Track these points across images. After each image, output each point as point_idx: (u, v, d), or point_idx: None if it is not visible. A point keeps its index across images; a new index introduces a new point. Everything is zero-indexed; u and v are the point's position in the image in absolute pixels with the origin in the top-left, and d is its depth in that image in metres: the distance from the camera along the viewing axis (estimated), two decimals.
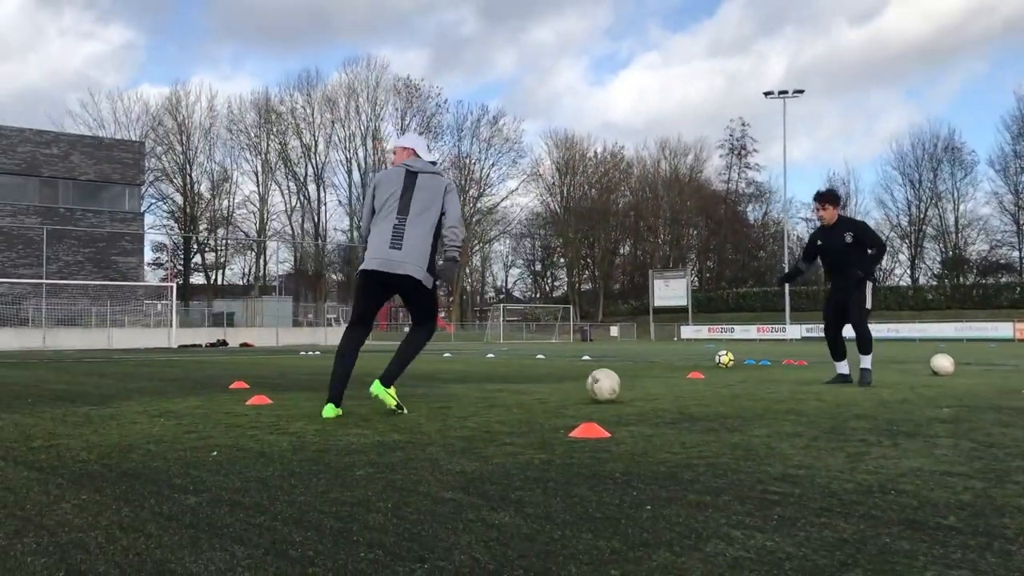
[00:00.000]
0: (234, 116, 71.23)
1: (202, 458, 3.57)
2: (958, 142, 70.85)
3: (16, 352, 26.22)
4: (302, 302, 59.56)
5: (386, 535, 2.24)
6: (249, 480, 3.05)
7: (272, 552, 2.08)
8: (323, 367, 12.95)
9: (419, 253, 5.37)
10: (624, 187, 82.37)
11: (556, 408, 5.71)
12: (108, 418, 5.22)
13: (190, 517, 2.45)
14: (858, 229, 8.16)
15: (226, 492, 2.83)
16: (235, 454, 3.69)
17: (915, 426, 4.62)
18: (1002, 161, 66.64)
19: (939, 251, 71.65)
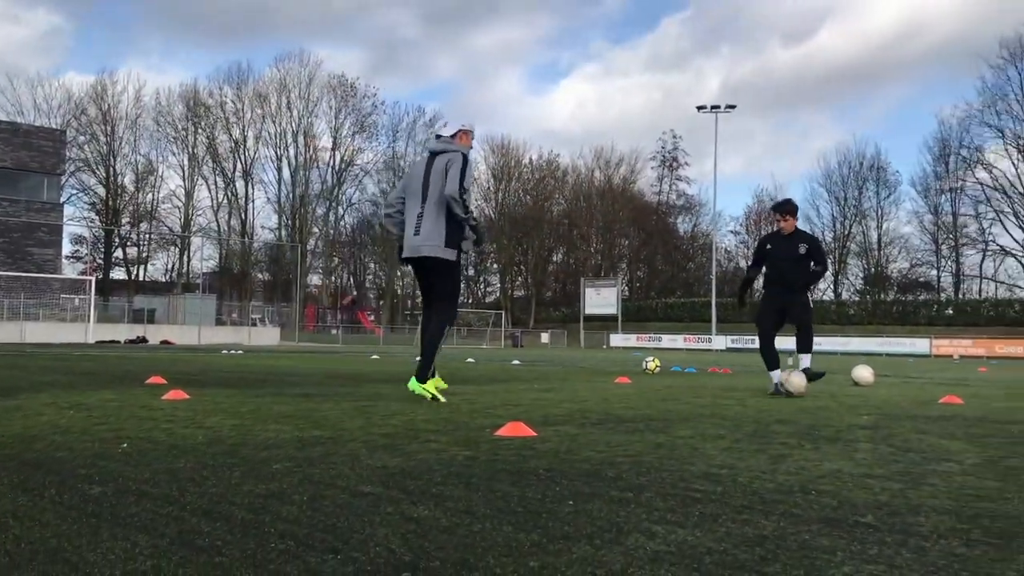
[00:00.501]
0: (162, 108, 69.59)
1: (111, 450, 3.42)
2: (883, 162, 73.09)
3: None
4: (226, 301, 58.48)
5: (299, 526, 2.15)
6: (159, 471, 2.93)
7: (178, 542, 1.98)
8: (246, 365, 12.68)
9: (434, 232, 5.74)
10: (559, 195, 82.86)
11: (484, 408, 5.66)
12: (13, 410, 5.00)
13: (93, 507, 2.33)
14: (813, 243, 8.35)
15: (134, 483, 2.71)
16: (146, 446, 3.54)
17: (836, 431, 4.69)
18: (923, 182, 68.96)
19: (862, 267, 73.69)
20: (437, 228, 5.73)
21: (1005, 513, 2.50)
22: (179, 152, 70.96)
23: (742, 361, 23.60)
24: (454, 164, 5.77)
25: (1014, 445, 4.19)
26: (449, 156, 5.87)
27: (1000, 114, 63.73)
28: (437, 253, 5.72)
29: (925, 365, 25.24)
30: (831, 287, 73.66)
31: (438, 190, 5.76)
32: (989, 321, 55.94)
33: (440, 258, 5.75)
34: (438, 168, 5.84)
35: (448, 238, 5.72)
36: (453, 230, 5.76)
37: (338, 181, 73.10)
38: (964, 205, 66.63)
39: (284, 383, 8.26)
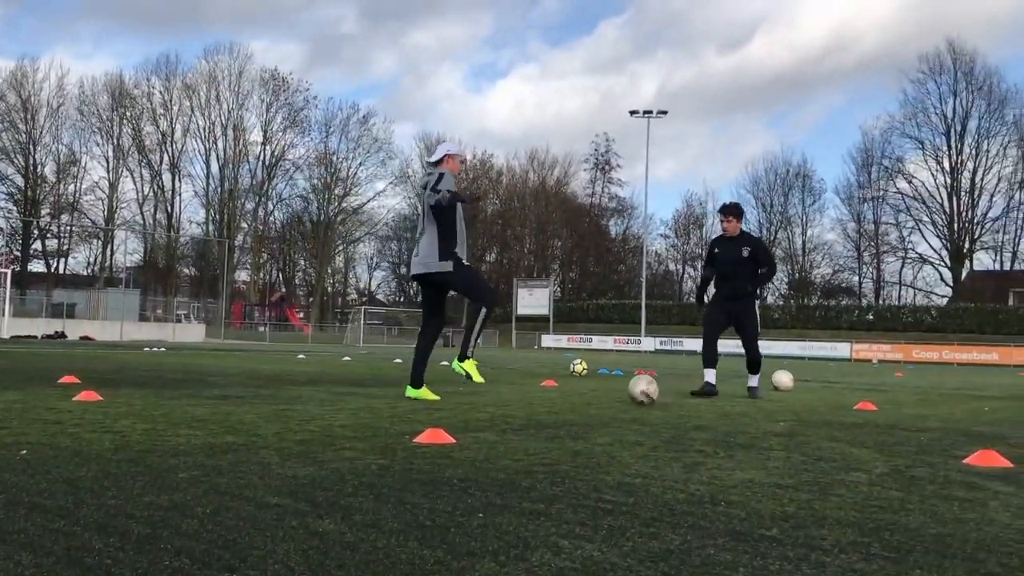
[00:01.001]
0: (86, 97, 67.60)
1: (8, 457, 3.29)
2: (808, 170, 74.89)
3: None
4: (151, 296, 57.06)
5: (197, 542, 2.09)
6: (57, 481, 2.81)
7: (65, 560, 1.90)
8: (166, 364, 12.38)
9: (429, 251, 6.31)
10: (492, 195, 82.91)
11: (405, 413, 5.60)
12: None
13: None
14: (756, 246, 8.46)
15: (27, 494, 2.60)
16: (47, 453, 3.41)
17: (751, 438, 4.76)
18: (847, 190, 70.86)
19: (786, 272, 75.33)
20: (431, 246, 6.26)
21: (905, 526, 2.56)
22: (103, 143, 69.08)
23: (669, 363, 23.92)
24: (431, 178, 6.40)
25: (920, 454, 4.31)
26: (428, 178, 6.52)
27: (920, 126, 66.02)
28: (432, 268, 6.28)
29: (845, 369, 25.91)
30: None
31: (429, 214, 6.32)
32: (907, 327, 57.73)
33: (439, 272, 6.29)
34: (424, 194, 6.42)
35: (442, 252, 6.25)
36: (445, 244, 6.26)
37: (268, 176, 71.95)
38: (885, 214, 68.77)
39: (203, 384, 8.08)
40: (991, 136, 64.10)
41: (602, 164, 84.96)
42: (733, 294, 8.34)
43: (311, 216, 75.28)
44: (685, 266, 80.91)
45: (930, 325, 57.49)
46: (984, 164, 64.20)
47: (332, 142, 73.35)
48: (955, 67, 64.54)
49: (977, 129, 64.30)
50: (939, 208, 65.40)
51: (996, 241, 65.28)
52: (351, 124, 73.27)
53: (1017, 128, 63.21)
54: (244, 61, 71.34)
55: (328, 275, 78.60)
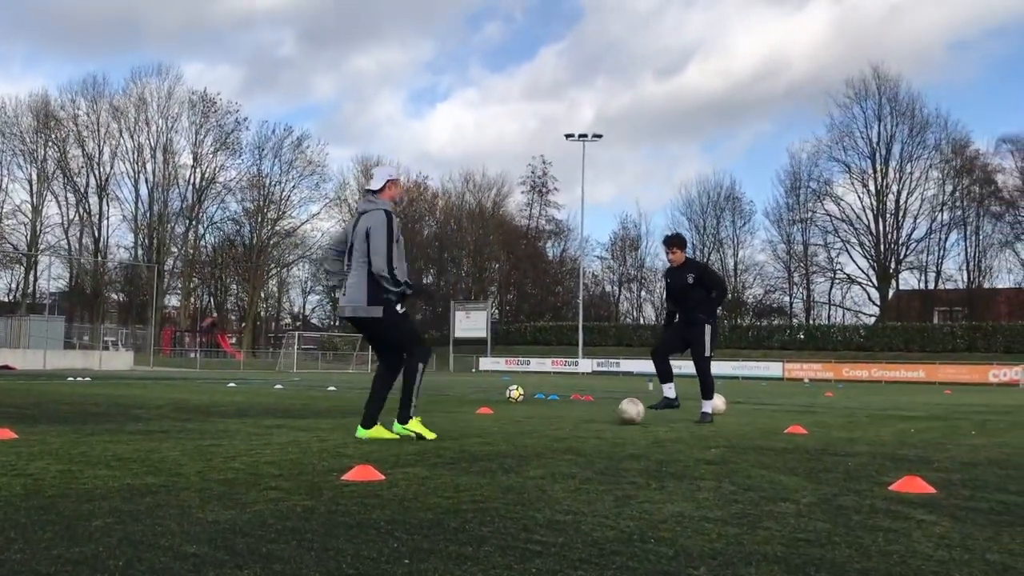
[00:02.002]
0: (8, 119, 65.64)
1: None
2: (738, 192, 76.29)
3: None
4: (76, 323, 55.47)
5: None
6: None
7: None
8: (90, 395, 12.00)
9: (357, 293, 5.81)
10: (429, 217, 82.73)
11: (335, 447, 5.50)
12: None
13: None
14: (699, 271, 8.62)
15: None
16: None
17: (683, 467, 4.77)
18: (776, 212, 72.32)
19: None
20: (359, 288, 5.79)
21: (832, 560, 2.57)
22: (27, 165, 66.98)
23: (606, 386, 24.03)
24: (375, 231, 5.77)
25: (848, 481, 4.36)
26: (370, 219, 5.86)
27: (847, 150, 67.76)
28: (361, 313, 5.80)
29: (778, 389, 26.34)
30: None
31: (361, 251, 5.82)
32: (837, 345, 59.02)
33: (367, 317, 5.81)
34: (361, 227, 5.87)
35: (371, 296, 5.77)
36: (377, 287, 5.78)
37: (199, 199, 70.60)
38: (814, 235, 70.26)
39: (128, 417, 7.84)
40: (914, 159, 66.14)
41: (539, 187, 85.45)
42: (685, 322, 8.52)
43: (243, 239, 74.07)
44: (621, 287, 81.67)
45: (859, 344, 58.87)
46: (908, 186, 66.18)
47: (265, 165, 72.40)
48: (880, 92, 66.55)
49: (901, 153, 66.34)
50: (866, 229, 67.16)
51: (920, 261, 67.22)
52: (285, 146, 72.40)
53: (938, 152, 65.38)
54: (173, 83, 70.13)
55: (261, 299, 77.31)
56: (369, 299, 5.76)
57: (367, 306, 5.76)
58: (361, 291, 5.79)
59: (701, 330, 8.42)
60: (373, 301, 5.76)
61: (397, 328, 5.91)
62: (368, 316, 5.81)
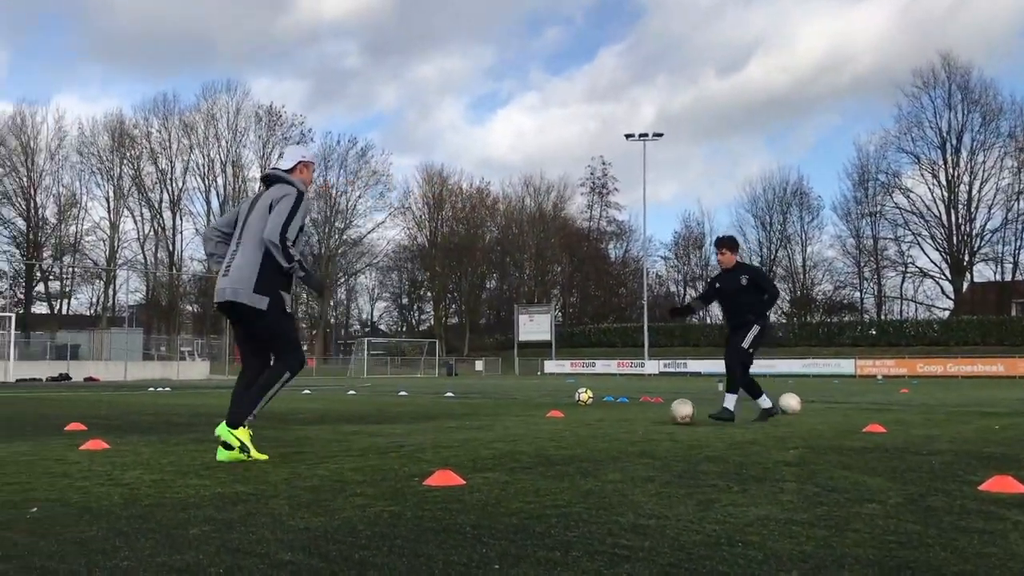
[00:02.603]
0: (85, 139, 67.90)
1: (19, 516, 3.27)
2: (805, 188, 74.98)
3: None
4: (154, 334, 57.02)
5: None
6: (68, 543, 2.79)
7: None
8: (172, 405, 12.34)
9: (245, 275, 4.95)
10: (490, 222, 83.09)
11: (413, 452, 5.58)
12: None
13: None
14: (753, 273, 8.58)
15: (39, 558, 2.58)
16: (58, 510, 3.39)
17: (764, 470, 4.73)
18: (844, 207, 70.88)
19: (788, 290, 75.27)
20: (249, 270, 4.94)
21: (927, 563, 2.53)
22: (104, 183, 69.19)
23: (674, 387, 23.82)
24: (282, 202, 5.02)
25: (934, 481, 4.27)
26: (280, 192, 5.11)
27: (915, 140, 66.10)
28: (242, 299, 4.91)
29: (850, 387, 25.82)
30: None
31: (258, 228, 5.00)
32: (911, 341, 57.58)
33: (249, 306, 4.93)
34: (262, 204, 5.10)
35: (260, 283, 4.92)
36: (269, 274, 4.96)
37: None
38: (883, 228, 68.69)
39: (210, 426, 8.04)
40: (987, 149, 64.16)
41: (599, 188, 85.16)
42: (734, 326, 8.47)
43: (312, 249, 75.43)
44: (686, 287, 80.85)
45: (933, 339, 57.33)
46: (981, 176, 64.24)
47: (331, 175, 73.69)
48: (949, 81, 64.78)
49: (972, 142, 64.48)
50: (937, 221, 65.41)
51: (996, 252, 65.19)
52: (349, 157, 73.65)
53: (1013, 139, 63.34)
54: (241, 98, 71.83)
55: (330, 307, 78.54)
56: (257, 286, 4.92)
57: (252, 293, 4.91)
58: (249, 275, 4.94)
59: (748, 327, 8.33)
60: (261, 290, 4.92)
61: (279, 326, 5.06)
62: (250, 305, 4.93)
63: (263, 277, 4.96)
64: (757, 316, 8.34)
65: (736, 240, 8.81)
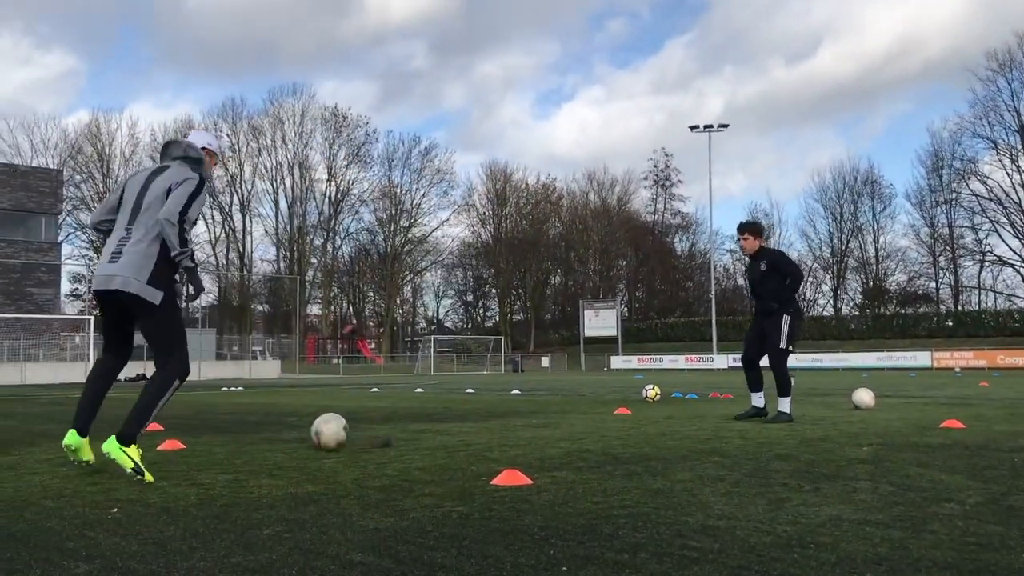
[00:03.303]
0: (157, 144, 69.81)
1: (101, 516, 3.37)
2: (876, 176, 73.27)
3: None
4: (226, 334, 58.34)
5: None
6: (147, 543, 2.88)
7: None
8: (244, 404, 12.62)
9: (138, 264, 4.46)
10: (555, 218, 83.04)
11: (480, 451, 5.60)
12: (6, 468, 4.95)
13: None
14: (773, 258, 8.27)
15: (120, 558, 2.66)
16: (137, 510, 3.50)
17: (836, 467, 4.64)
18: (918, 195, 69.13)
19: (860, 282, 73.67)
20: (143, 259, 4.46)
21: (1008, 566, 2.45)
22: None
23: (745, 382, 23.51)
24: (183, 185, 4.57)
25: (1017, 479, 4.14)
26: (181, 175, 4.65)
27: (992, 125, 64.04)
28: (135, 290, 4.42)
29: (927, 380, 25.15)
30: (830, 302, 73.69)
31: (155, 213, 4.52)
32: (990, 332, 55.84)
33: (140, 298, 4.44)
34: (159, 186, 4.60)
35: (155, 275, 4.46)
36: (165, 266, 4.52)
37: (335, 211, 73.28)
38: (959, 216, 66.81)
39: (281, 425, 8.21)
40: None
41: (662, 180, 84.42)
42: (763, 312, 8.23)
43: (378, 248, 76.46)
44: None
45: (1014, 329, 55.50)
46: None
47: (395, 175, 74.52)
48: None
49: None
50: (1017, 208, 63.25)
51: None
52: (413, 156, 74.39)
53: None
54: (307, 101, 73.10)
55: (397, 305, 79.43)
56: (151, 278, 4.45)
57: (145, 285, 4.43)
58: (144, 264, 4.46)
59: (777, 320, 8.03)
60: (155, 283, 4.45)
61: (170, 325, 4.59)
62: (141, 297, 4.44)
63: (159, 268, 4.50)
64: (783, 304, 8.06)
65: (759, 224, 8.59)
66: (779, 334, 8.01)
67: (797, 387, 8.34)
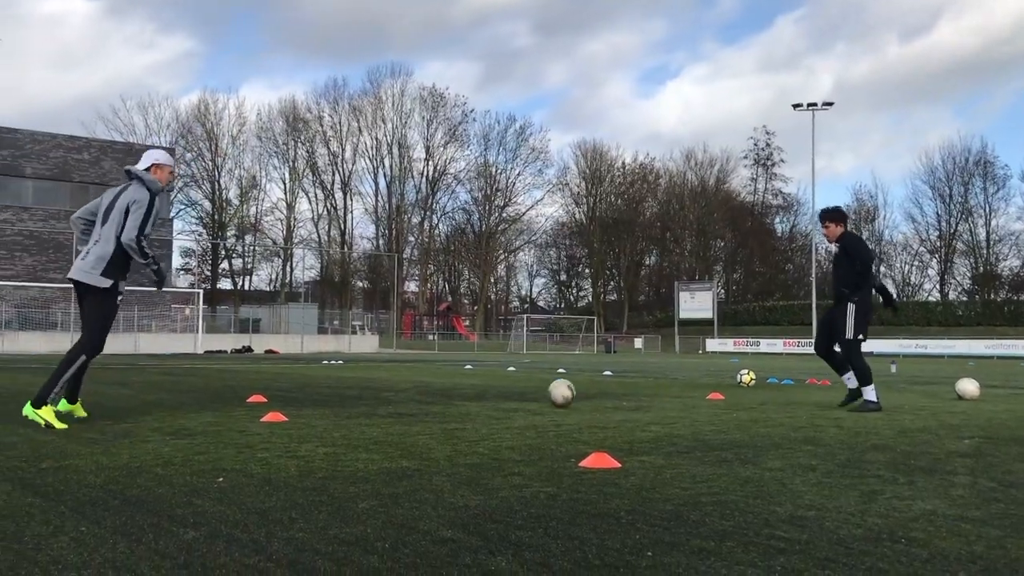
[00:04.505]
0: (263, 124, 71.92)
1: (207, 485, 3.56)
2: (991, 156, 70.07)
3: (44, 356, 26.53)
4: (328, 309, 59.87)
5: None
6: (250, 512, 3.03)
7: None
8: (344, 378, 12.99)
9: (97, 260, 5.84)
10: (651, 197, 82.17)
11: (570, 432, 5.66)
12: (121, 436, 5.24)
13: (184, 556, 2.43)
14: (845, 242, 8.05)
15: (225, 526, 2.81)
16: (241, 480, 3.67)
17: (934, 460, 4.52)
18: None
19: (969, 266, 70.77)
20: (101, 257, 5.85)
21: None
22: (280, 166, 73.22)
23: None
24: (137, 207, 5.89)
25: None
26: (136, 194, 5.94)
27: None
28: (88, 279, 5.82)
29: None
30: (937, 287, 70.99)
31: (115, 224, 5.88)
32: None
33: (91, 284, 5.83)
34: (121, 203, 5.95)
35: (108, 269, 5.84)
36: (117, 263, 5.88)
37: (432, 190, 74.22)
38: None
39: (378, 400, 8.43)
40: None
41: (763, 160, 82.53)
42: (836, 298, 8.08)
43: (473, 227, 77.16)
44: None
45: None
46: None
47: (491, 154, 74.93)
48: None
49: None
50: None
51: None
52: (509, 135, 74.62)
53: None
54: (405, 81, 74.07)
55: (491, 284, 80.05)
56: (105, 270, 5.82)
57: (99, 275, 5.81)
58: (102, 260, 5.84)
59: (844, 309, 7.85)
60: (107, 273, 5.83)
61: (101, 308, 5.88)
62: (91, 284, 5.81)
63: (112, 265, 5.86)
64: (851, 289, 7.84)
65: (840, 211, 8.32)
66: (846, 324, 7.89)
67: (899, 375, 8.09)
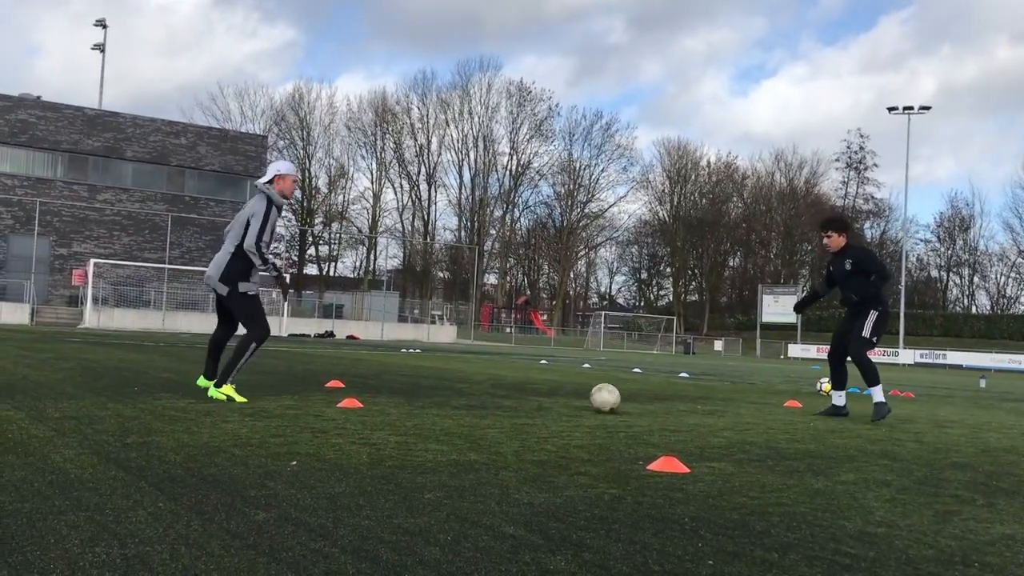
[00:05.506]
0: (353, 114, 73.11)
1: (281, 468, 3.66)
2: None
3: (136, 333, 27.55)
4: (408, 298, 60.61)
5: (439, 574, 2.24)
6: (320, 497, 3.11)
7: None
8: (420, 367, 13.16)
9: (219, 267, 6.56)
10: (737, 198, 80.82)
11: (640, 434, 5.63)
12: (204, 415, 5.42)
13: (255, 537, 2.51)
14: (857, 256, 8.03)
15: (295, 510, 2.89)
16: (313, 465, 3.77)
17: (1018, 482, 4.37)
18: None
19: None
20: (221, 264, 6.56)
21: None
22: (368, 156, 74.36)
23: (930, 380, 22.18)
24: (255, 217, 6.51)
25: None
26: (257, 206, 6.58)
27: None
28: (212, 284, 6.61)
29: None
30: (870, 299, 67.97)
31: (236, 233, 6.55)
32: None
33: (214, 289, 6.64)
34: (243, 214, 6.61)
35: (226, 275, 6.52)
36: (234, 268, 6.53)
37: (515, 184, 74.41)
38: None
39: (452, 391, 8.53)
40: None
41: (855, 163, 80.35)
42: (849, 312, 8.05)
43: (554, 221, 77.09)
44: (949, 273, 74.83)
45: None
46: None
47: (575, 149, 74.71)
48: None
49: None
50: None
51: None
52: (594, 131, 74.27)
53: None
54: (493, 74, 74.42)
55: (570, 279, 79.89)
56: (222, 277, 6.52)
57: (218, 281, 6.54)
58: (221, 267, 6.54)
59: (865, 313, 7.77)
60: (225, 279, 6.52)
61: (240, 308, 6.60)
62: (215, 289, 6.62)
63: (229, 271, 6.55)
64: (872, 301, 7.78)
65: (844, 220, 8.27)
66: (864, 324, 7.82)
67: (987, 390, 7.81)
